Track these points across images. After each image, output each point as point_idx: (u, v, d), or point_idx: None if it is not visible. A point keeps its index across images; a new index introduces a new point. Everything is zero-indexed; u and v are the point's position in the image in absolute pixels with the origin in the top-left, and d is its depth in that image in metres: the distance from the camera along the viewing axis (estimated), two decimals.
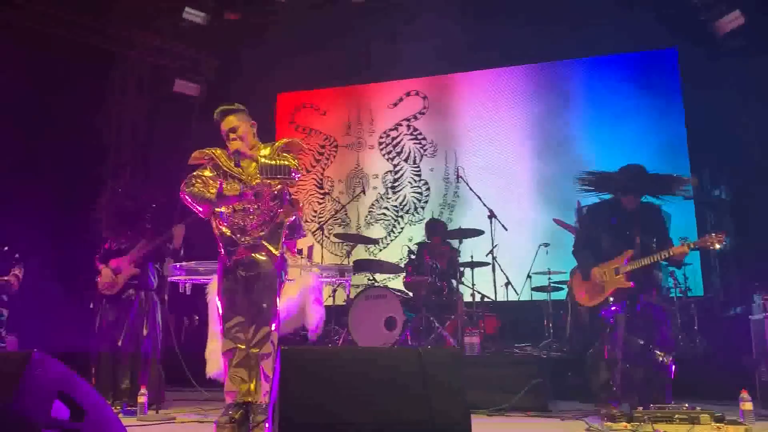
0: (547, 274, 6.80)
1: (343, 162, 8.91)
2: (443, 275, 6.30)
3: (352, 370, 2.62)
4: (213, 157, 3.87)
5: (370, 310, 5.74)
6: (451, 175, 8.21)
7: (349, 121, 8.97)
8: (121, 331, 4.90)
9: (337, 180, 8.90)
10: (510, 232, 6.59)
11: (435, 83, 8.74)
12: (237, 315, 3.80)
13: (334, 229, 8.47)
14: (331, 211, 8.61)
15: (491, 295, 6.47)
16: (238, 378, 3.75)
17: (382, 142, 8.79)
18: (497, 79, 8.49)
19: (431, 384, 2.60)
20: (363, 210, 8.67)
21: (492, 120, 8.39)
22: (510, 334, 6.69)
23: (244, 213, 3.80)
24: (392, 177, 8.66)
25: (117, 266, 5.05)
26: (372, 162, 8.80)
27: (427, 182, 8.53)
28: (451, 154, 8.48)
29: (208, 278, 4.81)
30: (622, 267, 4.30)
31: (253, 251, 3.81)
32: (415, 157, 8.62)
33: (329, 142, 9.00)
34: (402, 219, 8.52)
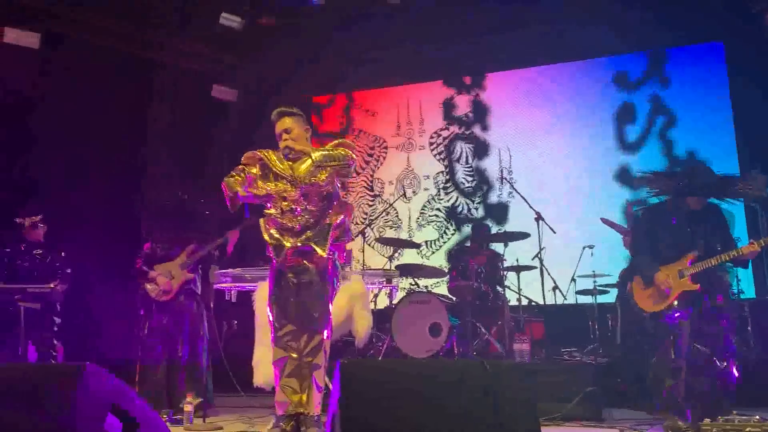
0: (592, 276, 6.61)
1: (393, 163, 8.74)
2: (488, 279, 6.17)
3: (415, 383, 2.54)
4: (263, 157, 3.84)
5: (414, 316, 5.63)
6: (505, 175, 8.08)
7: (399, 122, 8.83)
8: (176, 337, 4.87)
9: (387, 182, 8.73)
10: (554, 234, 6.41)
11: (487, 81, 8.50)
12: (288, 323, 3.75)
13: (385, 231, 8.39)
14: (381, 214, 8.51)
15: (538, 300, 6.31)
16: (289, 389, 3.69)
17: (432, 142, 8.61)
18: (551, 76, 8.22)
19: (499, 397, 2.50)
20: (414, 212, 8.50)
21: (546, 118, 8.13)
22: (555, 338, 6.54)
23: (292, 214, 3.74)
24: (444, 178, 8.46)
25: (166, 272, 5.01)
26: (423, 163, 8.62)
27: (479, 182, 8.31)
28: (505, 154, 8.26)
29: (254, 285, 4.76)
30: (686, 269, 4.13)
31: (302, 256, 3.74)
32: (468, 157, 8.40)
33: (379, 144, 8.86)
34: (456, 220, 8.30)
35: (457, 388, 2.53)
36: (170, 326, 4.93)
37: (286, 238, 3.74)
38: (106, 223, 7.54)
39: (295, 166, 3.82)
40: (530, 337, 5.63)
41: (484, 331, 5.68)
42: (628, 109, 7.90)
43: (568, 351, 6.27)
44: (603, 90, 8.02)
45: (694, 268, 4.10)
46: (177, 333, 4.91)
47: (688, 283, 4.11)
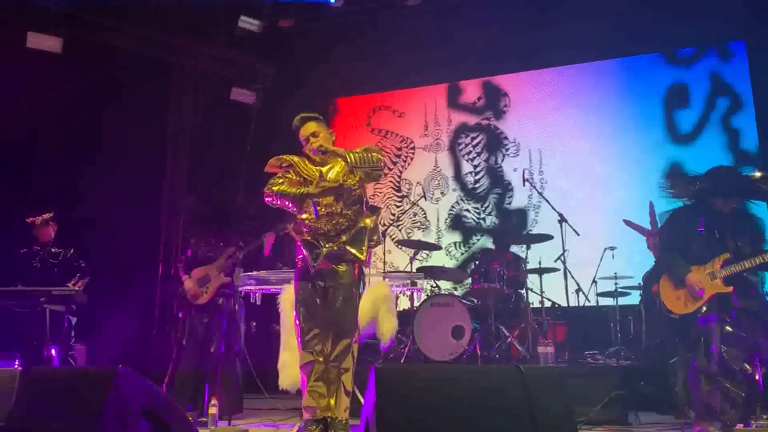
0: (614, 279, 6.56)
1: (421, 164, 8.65)
2: (510, 282, 6.14)
3: (450, 388, 2.52)
4: (292, 163, 3.83)
5: (436, 319, 5.61)
6: (536, 174, 7.97)
7: (427, 122, 8.73)
8: (210, 340, 4.91)
9: (415, 182, 8.63)
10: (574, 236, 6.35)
11: (516, 80, 8.41)
12: (315, 327, 3.73)
13: (413, 233, 8.33)
14: (409, 215, 8.44)
15: (561, 302, 6.27)
16: (317, 393, 3.67)
17: (461, 142, 8.50)
18: (581, 75, 8.11)
19: (535, 403, 2.48)
20: (443, 212, 8.39)
21: (576, 117, 8.00)
22: (577, 341, 6.50)
23: (327, 218, 3.73)
24: (472, 178, 8.34)
25: (205, 275, 5.05)
26: (451, 163, 8.51)
27: (509, 182, 8.20)
28: (536, 153, 8.14)
29: (279, 288, 4.76)
30: (718, 271, 4.06)
31: (335, 260, 3.73)
32: (497, 157, 8.29)
33: (406, 144, 8.78)
34: (484, 221, 8.19)
35: (494, 395, 2.51)
36: (205, 329, 4.99)
37: (321, 242, 3.72)
38: (126, 226, 7.59)
39: (324, 171, 3.81)
40: (553, 339, 5.60)
41: (507, 334, 5.65)
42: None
43: (591, 354, 6.22)
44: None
45: (726, 270, 4.03)
46: (212, 336, 4.95)
47: (720, 285, 4.04)
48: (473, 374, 2.60)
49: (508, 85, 8.41)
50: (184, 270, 5.16)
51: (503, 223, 7.75)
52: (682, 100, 7.62)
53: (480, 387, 2.52)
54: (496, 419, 2.44)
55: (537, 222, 7.85)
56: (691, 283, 4.11)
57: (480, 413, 2.45)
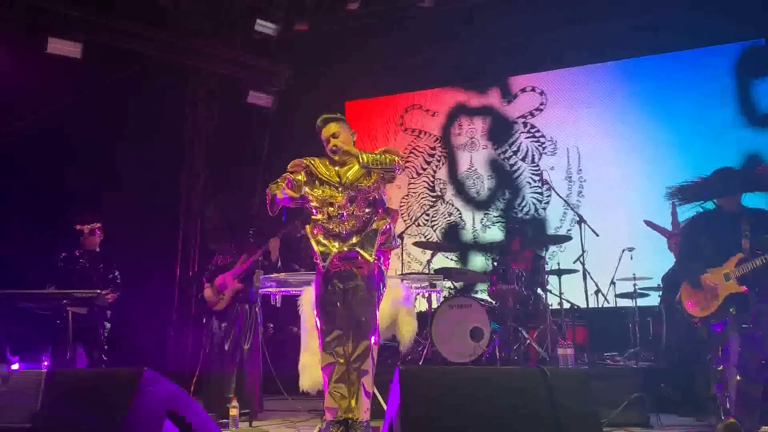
0: (633, 280, 6.51)
1: (455, 163, 8.52)
2: (529, 283, 6.12)
3: (474, 390, 2.52)
4: (308, 164, 3.87)
5: (455, 320, 5.60)
6: (574, 173, 7.82)
7: (461, 121, 8.56)
8: (229, 344, 5.01)
9: (449, 182, 8.53)
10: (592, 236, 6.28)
11: (553, 78, 8.24)
12: (335, 328, 3.75)
13: (448, 233, 8.18)
14: (444, 214, 8.31)
15: (580, 303, 6.23)
16: (338, 394, 3.69)
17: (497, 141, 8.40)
18: (617, 72, 7.95)
19: (559, 405, 2.47)
20: (479, 213, 8.23)
21: (614, 115, 7.86)
22: (596, 342, 6.46)
23: (339, 220, 3.76)
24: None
25: (223, 282, 5.18)
26: (487, 162, 8.35)
27: (547, 182, 7.95)
28: (573, 152, 7.96)
29: (299, 290, 4.79)
30: (732, 271, 4.04)
31: (349, 261, 3.75)
32: (534, 156, 8.13)
33: (440, 143, 8.64)
34: (521, 221, 7.93)
35: (518, 397, 2.51)
36: (223, 334, 5.12)
37: (332, 243, 3.75)
38: (144, 229, 7.66)
39: (341, 172, 3.84)
40: (573, 341, 5.57)
41: (525, 336, 5.63)
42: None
43: (611, 355, 6.19)
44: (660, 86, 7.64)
45: (741, 270, 4.00)
46: (229, 340, 5.05)
47: (735, 285, 4.01)
48: (497, 376, 2.60)
49: (544, 83, 8.24)
50: (208, 278, 5.32)
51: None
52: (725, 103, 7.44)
53: (504, 389, 2.52)
54: (520, 421, 2.44)
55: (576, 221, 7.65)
56: (704, 283, 4.10)
57: (504, 415, 2.45)
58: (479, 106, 8.51)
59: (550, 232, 7.61)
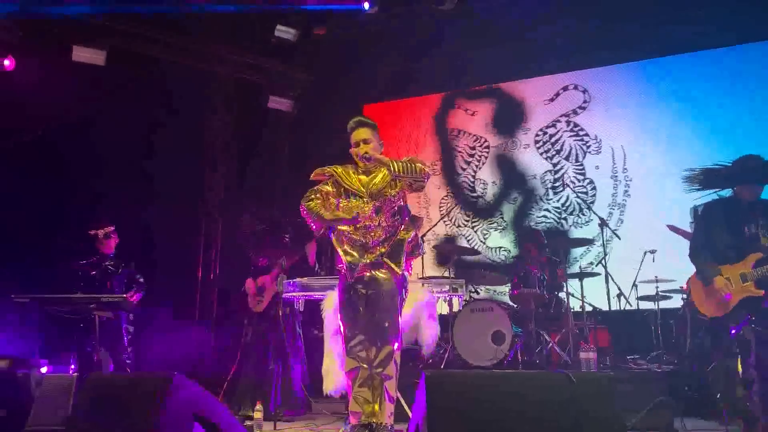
0: (655, 282, 6.49)
1: (496, 163, 8.43)
2: (551, 287, 6.11)
3: (500, 395, 2.54)
4: (333, 174, 3.89)
5: (476, 324, 5.62)
6: (620, 173, 7.69)
7: (502, 121, 8.49)
8: (266, 346, 5.10)
9: (490, 182, 8.39)
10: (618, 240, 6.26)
11: (596, 76, 8.12)
12: (358, 333, 3.77)
13: (490, 234, 8.13)
14: (485, 215, 8.23)
15: (603, 306, 6.21)
16: (361, 398, 3.71)
17: (538, 140, 8.23)
18: (661, 69, 7.78)
19: (585, 411, 2.48)
20: (520, 213, 8.11)
21: (659, 112, 7.69)
22: (619, 346, 6.44)
23: (366, 230, 3.78)
24: (552, 177, 8.06)
25: (261, 285, 5.31)
26: (528, 161, 8.25)
27: (592, 181, 7.87)
28: (618, 151, 7.82)
29: (323, 294, 4.83)
30: (750, 273, 3.92)
31: (373, 269, 3.78)
32: (577, 155, 7.99)
33: (480, 143, 8.54)
34: (566, 221, 7.85)
35: (544, 402, 2.52)
36: (261, 336, 5.27)
37: (359, 253, 3.78)
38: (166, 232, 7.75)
39: (367, 181, 3.86)
40: (595, 344, 5.56)
41: (548, 339, 5.62)
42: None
43: (633, 358, 6.16)
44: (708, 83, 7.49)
45: (759, 272, 3.89)
46: (267, 343, 5.19)
47: (752, 288, 3.91)
48: (523, 381, 2.61)
49: (586, 81, 8.15)
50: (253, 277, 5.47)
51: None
52: None
53: (530, 394, 2.53)
54: (546, 427, 2.46)
55: (622, 221, 7.59)
56: (717, 288, 4.02)
57: (530, 421, 2.47)
58: (519, 104, 8.39)
59: (595, 231, 7.22)
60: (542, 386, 2.58)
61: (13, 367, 2.95)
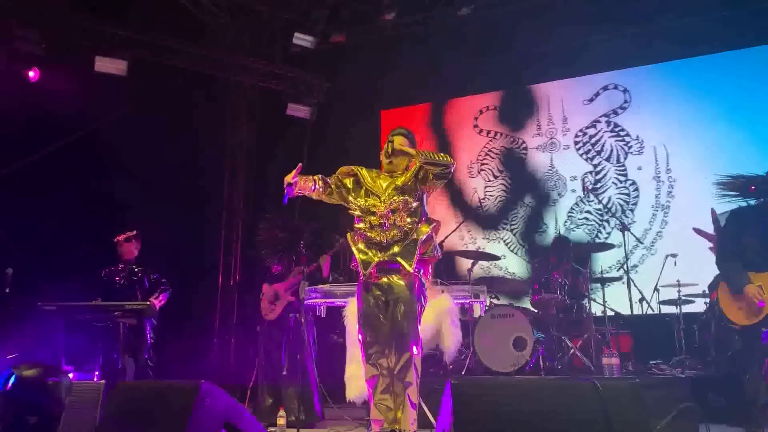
0: (677, 286, 6.42)
1: (534, 164, 8.27)
2: (572, 292, 6.08)
3: (526, 403, 2.54)
4: (357, 172, 3.95)
5: (497, 330, 5.61)
6: (663, 173, 7.55)
7: (539, 121, 8.35)
8: (281, 354, 5.11)
9: (528, 184, 8.30)
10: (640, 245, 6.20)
11: (636, 75, 7.94)
12: (378, 340, 3.79)
13: (529, 236, 8.00)
14: (523, 218, 8.10)
15: (625, 311, 6.16)
16: (383, 406, 3.73)
17: (578, 141, 8.07)
18: (703, 67, 7.63)
19: (612, 420, 2.48)
20: (561, 215, 7.95)
21: (702, 111, 7.51)
22: (641, 351, 6.38)
23: (381, 229, 3.81)
24: (593, 178, 7.87)
25: (275, 292, 5.32)
26: (568, 163, 8.08)
27: (634, 182, 7.71)
28: (661, 151, 7.65)
29: (344, 301, 4.86)
30: None
31: (389, 272, 3.80)
32: (619, 156, 7.83)
33: (517, 145, 8.42)
34: (608, 223, 7.68)
35: (571, 410, 2.52)
36: (275, 344, 5.26)
37: (373, 252, 3.81)
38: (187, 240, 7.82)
39: (388, 182, 3.90)
40: (617, 349, 5.53)
41: (569, 345, 5.60)
42: None
43: (656, 363, 6.10)
44: None
45: None
46: (280, 351, 5.18)
47: None
48: (549, 389, 2.61)
49: (627, 81, 7.98)
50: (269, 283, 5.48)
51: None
52: None
53: (556, 403, 2.53)
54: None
55: (666, 223, 7.47)
56: (749, 295, 3.98)
57: (555, 427, 2.46)
58: (558, 105, 8.27)
59: (639, 233, 7.27)
60: (569, 394, 2.58)
61: (43, 375, 2.99)
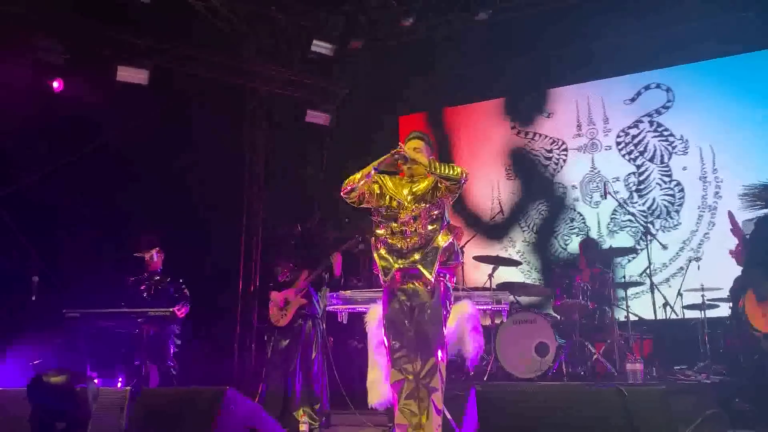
0: (700, 291, 6.35)
1: (575, 166, 8.13)
2: (595, 297, 6.03)
3: (551, 409, 2.53)
4: (379, 179, 3.97)
5: (519, 336, 5.59)
6: (709, 173, 7.38)
7: (579, 122, 8.20)
8: (293, 360, 5.05)
9: (570, 185, 8.09)
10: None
11: (679, 73, 7.76)
12: (403, 346, 3.79)
13: (571, 239, 7.85)
14: (565, 220, 8.00)
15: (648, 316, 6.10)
16: (408, 411, 3.72)
17: (620, 141, 7.91)
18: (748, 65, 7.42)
19: (638, 426, 2.45)
20: (604, 217, 7.77)
21: (750, 109, 7.32)
22: (665, 356, 6.31)
23: (402, 236, 3.82)
24: (636, 179, 7.73)
25: (285, 298, 5.24)
26: (610, 163, 7.93)
27: (679, 183, 7.54)
28: (707, 151, 7.47)
29: (366, 306, 4.86)
30: None
31: (410, 278, 3.80)
32: (663, 156, 7.65)
33: (557, 146, 8.26)
34: (653, 225, 7.46)
35: (596, 416, 2.50)
36: (286, 350, 5.16)
37: (394, 258, 3.82)
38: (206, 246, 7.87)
39: (408, 189, 3.92)
40: (641, 355, 5.47)
41: (593, 351, 5.55)
42: None
43: (680, 369, 6.03)
44: None
45: None
46: (291, 357, 5.11)
47: None
48: (574, 396, 2.60)
49: (669, 79, 7.80)
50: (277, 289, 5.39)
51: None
52: None
53: (581, 409, 2.52)
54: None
55: (714, 224, 7.30)
56: None
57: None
58: (599, 105, 8.14)
59: (685, 235, 7.24)
60: (594, 400, 2.56)
61: (71, 381, 3.02)
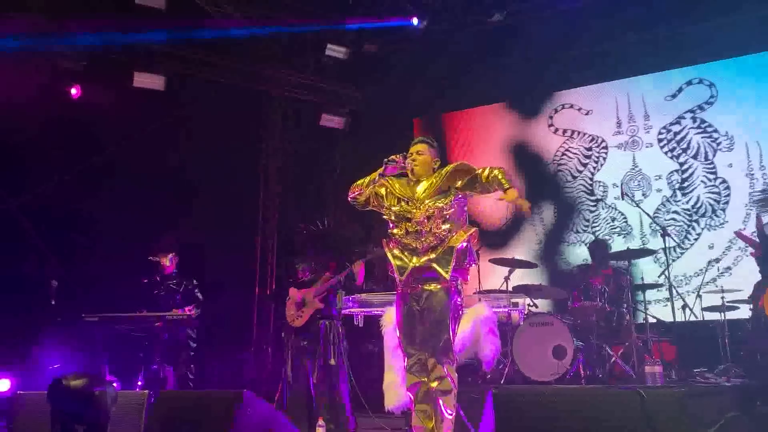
0: (720, 292, 6.28)
1: (615, 164, 7.93)
2: (612, 299, 5.98)
3: (569, 412, 2.51)
4: (387, 182, 3.99)
5: (536, 338, 5.55)
6: (756, 170, 7.14)
7: (619, 119, 8.01)
8: (311, 361, 5.06)
9: (610, 184, 7.89)
10: None
11: (722, 68, 7.53)
12: (416, 349, 3.79)
13: (613, 239, 7.60)
14: (606, 219, 7.82)
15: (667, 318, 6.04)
16: (423, 414, 3.73)
17: (662, 138, 7.69)
18: None
19: (658, 429, 2.43)
20: (646, 216, 7.38)
21: None
22: (684, 358, 6.24)
23: (416, 235, 3.82)
24: (679, 177, 7.51)
25: (303, 297, 5.25)
26: (652, 161, 7.69)
27: (725, 180, 7.30)
28: (754, 147, 7.21)
29: (382, 310, 4.85)
30: None
31: (425, 281, 3.80)
32: (707, 153, 7.44)
33: (596, 144, 8.10)
34: (698, 224, 7.32)
35: (614, 420, 2.48)
36: (303, 351, 5.16)
37: (409, 258, 3.82)
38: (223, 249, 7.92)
39: (416, 189, 3.92)
40: (660, 357, 5.42)
41: (610, 353, 5.50)
42: None
43: (700, 371, 5.96)
44: None
45: None
46: (313, 357, 5.09)
47: None
48: (592, 398, 2.57)
49: (712, 74, 7.60)
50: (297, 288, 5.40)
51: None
52: None
53: (600, 411, 2.50)
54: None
55: None
56: None
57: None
58: (639, 102, 7.93)
59: (731, 233, 7.00)
60: (613, 403, 2.54)
61: (90, 385, 3.05)
